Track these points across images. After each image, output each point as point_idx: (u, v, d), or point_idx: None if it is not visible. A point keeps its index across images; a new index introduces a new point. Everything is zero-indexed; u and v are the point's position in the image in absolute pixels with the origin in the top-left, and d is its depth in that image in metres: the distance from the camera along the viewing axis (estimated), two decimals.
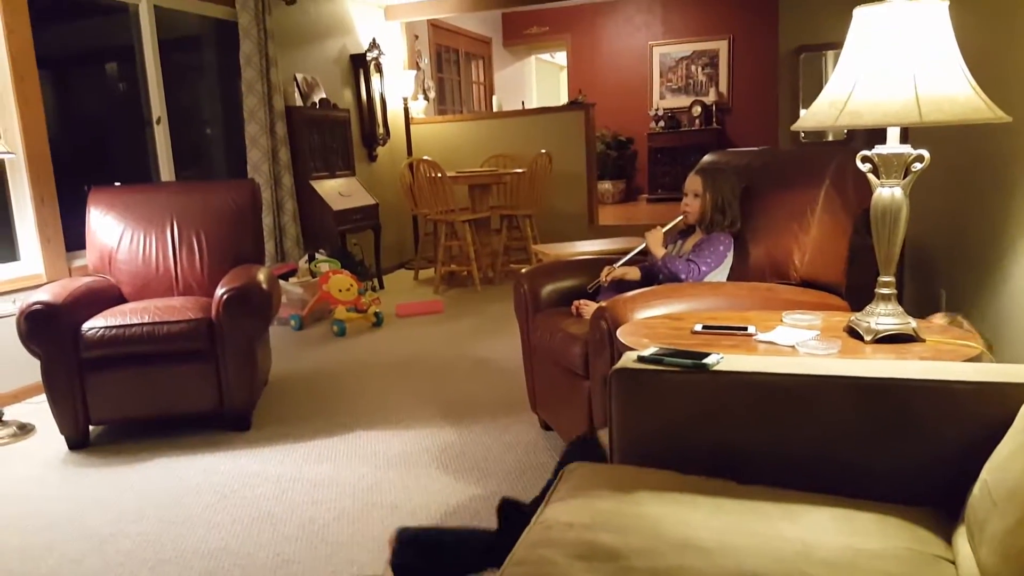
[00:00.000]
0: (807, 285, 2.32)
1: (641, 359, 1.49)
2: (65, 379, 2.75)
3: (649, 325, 1.99)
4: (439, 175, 5.43)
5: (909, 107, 1.54)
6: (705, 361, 1.43)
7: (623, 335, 1.90)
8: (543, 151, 5.94)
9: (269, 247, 5.02)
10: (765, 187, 2.54)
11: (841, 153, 2.35)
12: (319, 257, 4.98)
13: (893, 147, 1.67)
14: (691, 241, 2.58)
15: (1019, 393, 1.11)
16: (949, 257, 3.14)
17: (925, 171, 1.66)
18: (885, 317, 1.73)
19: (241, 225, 3.40)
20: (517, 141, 6.76)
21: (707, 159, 2.84)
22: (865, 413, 1.30)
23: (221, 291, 2.82)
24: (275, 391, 3.43)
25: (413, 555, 1.75)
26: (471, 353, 3.91)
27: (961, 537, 1.11)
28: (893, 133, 1.68)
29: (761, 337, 1.81)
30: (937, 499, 1.23)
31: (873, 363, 1.42)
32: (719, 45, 9.16)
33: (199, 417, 2.92)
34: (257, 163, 4.98)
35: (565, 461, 1.63)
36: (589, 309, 2.43)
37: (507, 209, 5.97)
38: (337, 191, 5.48)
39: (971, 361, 1.56)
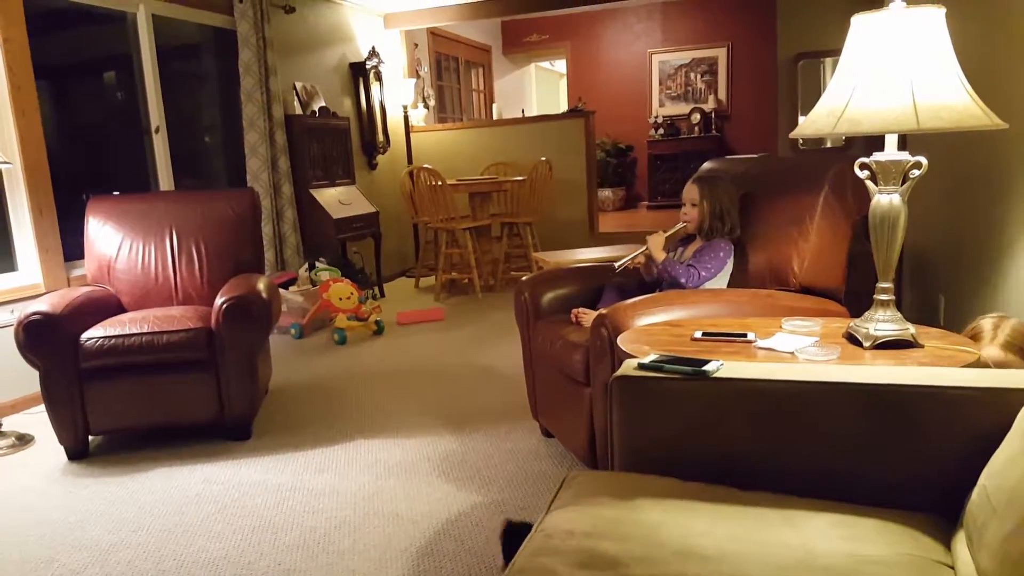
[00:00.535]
0: (806, 291, 2.32)
1: (641, 366, 1.49)
2: (64, 389, 2.74)
3: (649, 332, 1.99)
4: (439, 183, 5.44)
5: (907, 114, 1.55)
6: (705, 368, 1.43)
7: (624, 342, 1.90)
8: (543, 159, 5.96)
9: (269, 256, 5.03)
10: (764, 194, 2.54)
11: (839, 160, 2.35)
12: (319, 266, 4.99)
13: (891, 154, 1.68)
14: (691, 248, 2.58)
15: (1017, 398, 1.11)
16: (947, 263, 3.14)
17: (923, 178, 1.67)
18: (884, 323, 1.73)
19: (241, 234, 3.40)
20: (517, 149, 6.78)
21: (706, 167, 2.85)
22: (864, 419, 1.30)
23: (221, 300, 2.82)
24: (275, 400, 3.42)
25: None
26: (472, 361, 3.91)
27: (960, 542, 1.11)
28: (891, 140, 1.68)
29: (761, 344, 1.81)
30: (936, 504, 1.23)
31: (872, 369, 1.42)
32: (718, 53, 9.19)
33: (199, 427, 2.91)
34: (256, 172, 4.99)
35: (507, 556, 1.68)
36: (588, 317, 2.44)
37: (508, 217, 5.98)
38: (337, 199, 5.49)
39: (969, 367, 1.56)
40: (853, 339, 1.78)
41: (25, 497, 2.54)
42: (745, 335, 1.86)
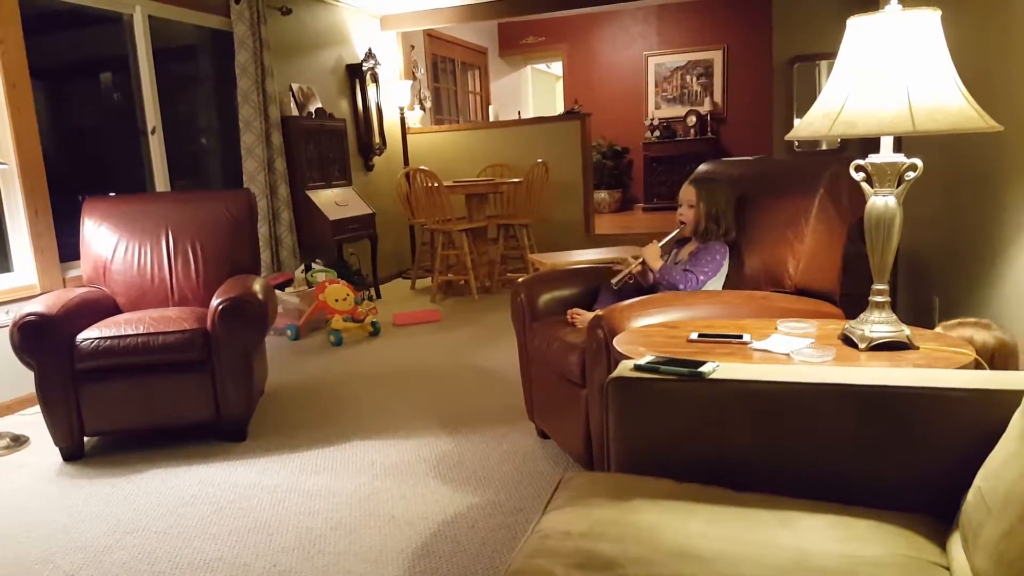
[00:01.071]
0: (802, 293, 2.33)
1: (638, 368, 1.49)
2: (59, 390, 2.74)
3: (646, 333, 1.99)
4: (436, 185, 5.44)
5: (902, 116, 1.55)
6: (701, 370, 1.43)
7: (620, 343, 1.90)
8: (540, 160, 5.96)
9: (265, 257, 5.02)
10: (760, 196, 2.55)
11: (835, 162, 2.36)
12: (315, 267, 4.98)
13: (887, 156, 1.69)
14: (687, 250, 2.59)
15: (1012, 400, 1.11)
16: (942, 265, 3.15)
17: (918, 180, 1.68)
18: (879, 325, 1.73)
19: (237, 235, 3.39)
20: (514, 151, 6.78)
21: (702, 169, 2.85)
22: (860, 420, 1.30)
23: (217, 302, 2.82)
24: (271, 401, 3.42)
25: None
26: (468, 362, 3.91)
27: (955, 544, 1.12)
28: (886, 142, 1.69)
29: (756, 345, 1.81)
30: (931, 505, 1.23)
31: (867, 371, 1.43)
32: (714, 55, 9.21)
33: (195, 428, 2.91)
34: (253, 173, 4.98)
35: None
36: (583, 318, 2.44)
37: (504, 218, 5.98)
38: (333, 201, 5.48)
39: (964, 368, 1.57)
40: (848, 341, 1.78)
41: (20, 498, 2.53)
42: (741, 337, 1.87)
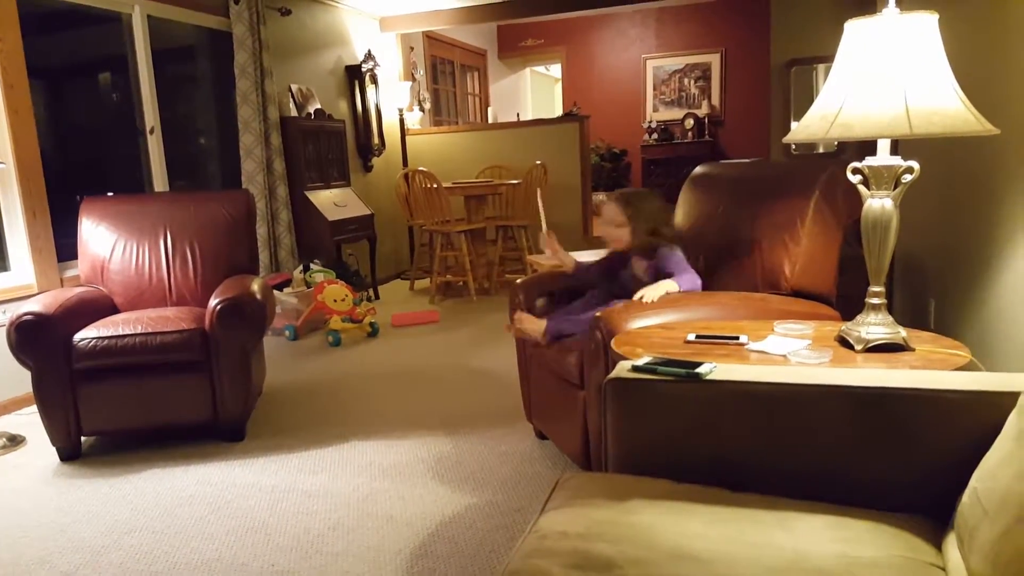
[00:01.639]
0: (798, 295, 2.33)
1: (635, 369, 1.50)
2: (57, 390, 2.73)
3: (643, 335, 2.00)
4: (435, 186, 5.45)
5: (899, 119, 1.56)
6: (698, 371, 1.44)
7: (618, 345, 1.90)
8: (538, 162, 5.97)
9: (263, 257, 5.02)
10: (757, 198, 2.55)
11: (832, 165, 2.37)
12: (314, 267, 4.98)
13: (883, 159, 1.69)
14: (639, 267, 2.50)
15: (1008, 401, 1.12)
16: (938, 267, 3.16)
17: (915, 182, 1.68)
18: (875, 327, 1.74)
19: (235, 236, 3.39)
20: (513, 152, 6.79)
21: (697, 171, 2.87)
22: (856, 422, 1.31)
23: (215, 302, 2.82)
24: (269, 401, 3.42)
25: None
26: (467, 363, 3.91)
27: (951, 544, 1.12)
28: (883, 145, 1.70)
29: (753, 346, 1.82)
30: (928, 506, 1.24)
31: (864, 372, 1.43)
32: (711, 58, 9.23)
33: (192, 428, 2.91)
34: (252, 173, 4.98)
35: None
36: (529, 324, 2.48)
37: (503, 220, 5.99)
38: (332, 201, 5.49)
39: (960, 370, 1.58)
40: (845, 342, 1.79)
41: (17, 498, 2.53)
42: (738, 338, 1.87)
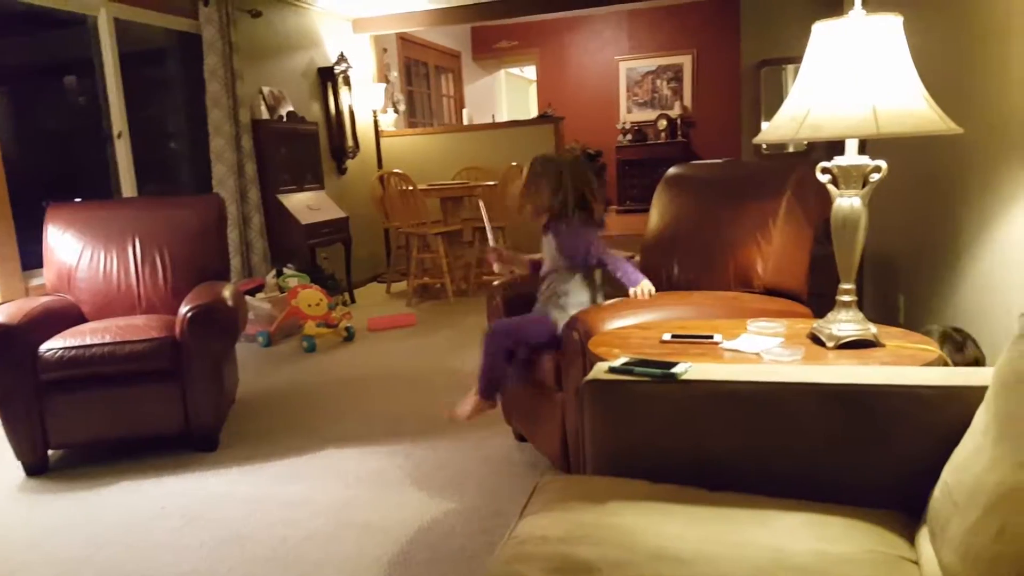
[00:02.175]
0: (771, 293, 2.36)
1: (612, 370, 1.50)
2: (22, 402, 2.66)
3: (620, 335, 2.00)
4: (410, 188, 5.42)
5: (867, 120, 1.58)
6: (673, 371, 1.44)
7: (595, 346, 1.91)
8: (514, 164, 5.97)
9: (235, 262, 4.95)
10: (729, 198, 2.58)
11: (801, 164, 2.40)
12: (287, 272, 4.93)
13: (852, 158, 1.72)
14: (546, 243, 2.47)
15: (976, 396, 1.14)
16: (907, 264, 3.22)
17: (883, 181, 1.71)
18: (846, 324, 1.76)
19: (206, 241, 3.34)
20: (488, 154, 6.78)
21: (671, 172, 2.89)
22: (829, 418, 1.32)
23: (185, 309, 2.77)
24: (243, 410, 3.37)
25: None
26: (445, 366, 3.89)
27: (924, 538, 1.14)
28: (852, 145, 1.72)
29: (727, 345, 1.83)
30: (901, 501, 1.25)
31: (836, 369, 1.45)
32: (683, 60, 9.31)
33: (164, 438, 2.85)
34: (223, 177, 4.92)
35: None
36: (462, 409, 2.47)
37: (479, 221, 5.97)
38: (305, 204, 5.43)
39: (929, 365, 1.60)
40: (817, 340, 1.81)
41: None
42: (712, 337, 1.88)
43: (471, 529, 2.16)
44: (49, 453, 2.80)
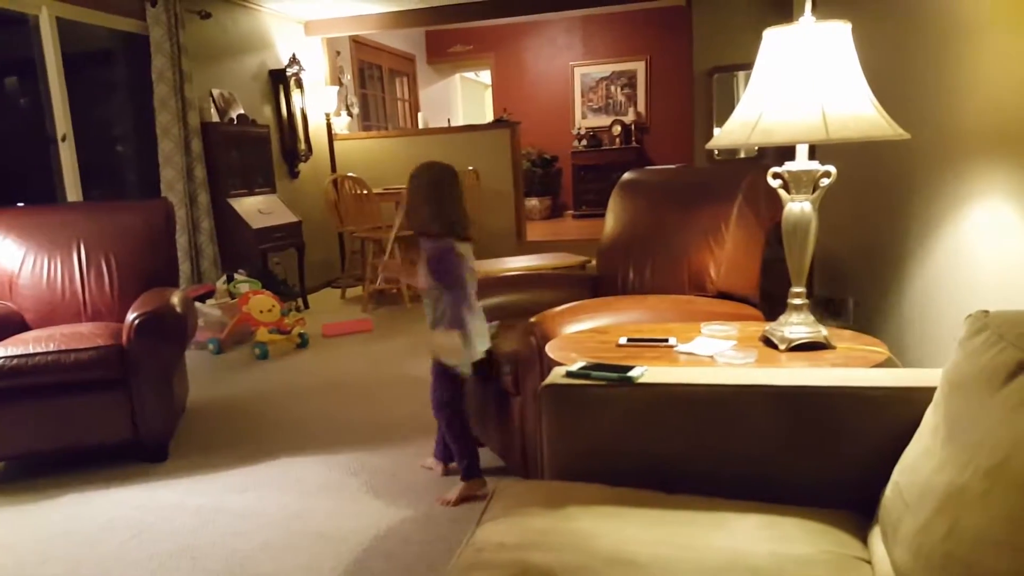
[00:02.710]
0: (723, 297, 2.39)
1: (569, 374, 1.50)
2: None
3: (577, 340, 2.01)
4: (365, 192, 5.36)
5: (817, 125, 1.62)
6: (630, 374, 1.45)
7: (552, 350, 1.91)
8: (470, 168, 5.96)
9: (185, 268, 4.83)
10: (682, 203, 2.61)
11: (753, 169, 2.44)
12: (238, 277, 4.82)
13: (802, 164, 1.75)
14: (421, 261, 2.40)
15: (924, 396, 1.17)
16: (857, 267, 3.30)
17: (833, 185, 1.75)
18: (798, 326, 1.80)
19: (153, 246, 3.25)
20: (444, 158, 6.55)
21: (626, 177, 2.91)
22: (782, 420, 1.34)
23: (132, 316, 2.69)
24: (193, 419, 3.28)
25: None
26: (401, 372, 3.86)
27: (876, 538, 1.16)
28: (802, 150, 1.76)
29: (681, 348, 1.85)
30: (854, 501, 1.28)
31: (788, 372, 1.47)
32: (637, 66, 9.43)
33: (112, 449, 2.76)
34: (171, 181, 4.79)
35: None
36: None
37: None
38: (257, 209, 5.33)
39: (879, 367, 1.64)
40: (769, 342, 1.84)
41: None
42: (667, 340, 1.90)
43: (428, 537, 2.14)
44: None
